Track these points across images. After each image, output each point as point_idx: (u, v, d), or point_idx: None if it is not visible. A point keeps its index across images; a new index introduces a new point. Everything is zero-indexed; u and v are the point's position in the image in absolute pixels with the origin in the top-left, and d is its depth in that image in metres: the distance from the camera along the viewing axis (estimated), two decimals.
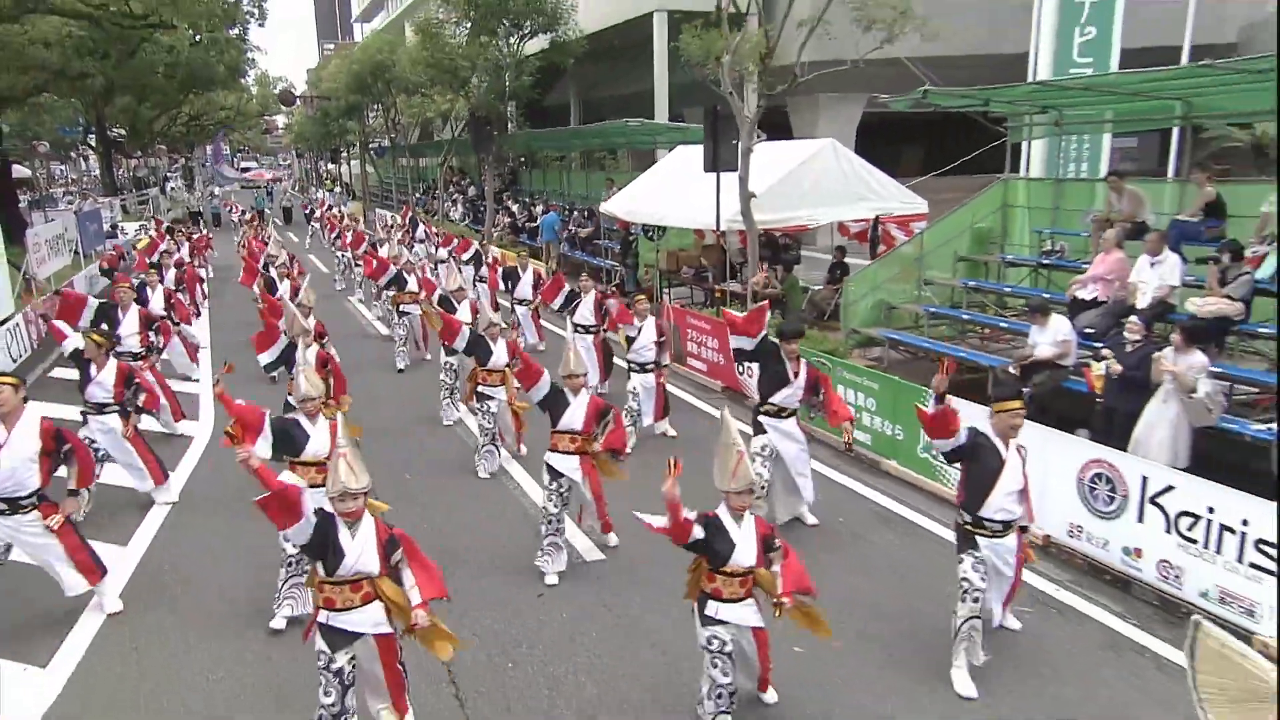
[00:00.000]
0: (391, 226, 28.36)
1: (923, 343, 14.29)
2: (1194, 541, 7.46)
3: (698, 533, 5.27)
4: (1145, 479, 7.87)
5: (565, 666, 6.89)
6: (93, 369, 9.53)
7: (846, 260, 17.84)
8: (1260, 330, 10.64)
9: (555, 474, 8.03)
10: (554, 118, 40.28)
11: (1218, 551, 7.29)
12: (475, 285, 17.99)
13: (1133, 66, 17.77)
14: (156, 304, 15.10)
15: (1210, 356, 10.00)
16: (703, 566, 5.55)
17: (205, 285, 23.95)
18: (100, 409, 9.60)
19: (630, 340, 12.06)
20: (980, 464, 6.30)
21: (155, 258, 21.58)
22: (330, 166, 69.84)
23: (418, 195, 44.98)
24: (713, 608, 5.42)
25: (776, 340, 9.06)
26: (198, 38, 30.76)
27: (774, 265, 19.51)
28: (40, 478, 7.04)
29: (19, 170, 33.00)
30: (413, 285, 16.29)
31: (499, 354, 10.49)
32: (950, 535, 8.21)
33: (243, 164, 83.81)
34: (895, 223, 17.56)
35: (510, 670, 6.89)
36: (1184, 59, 19.80)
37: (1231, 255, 10.96)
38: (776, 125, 28.72)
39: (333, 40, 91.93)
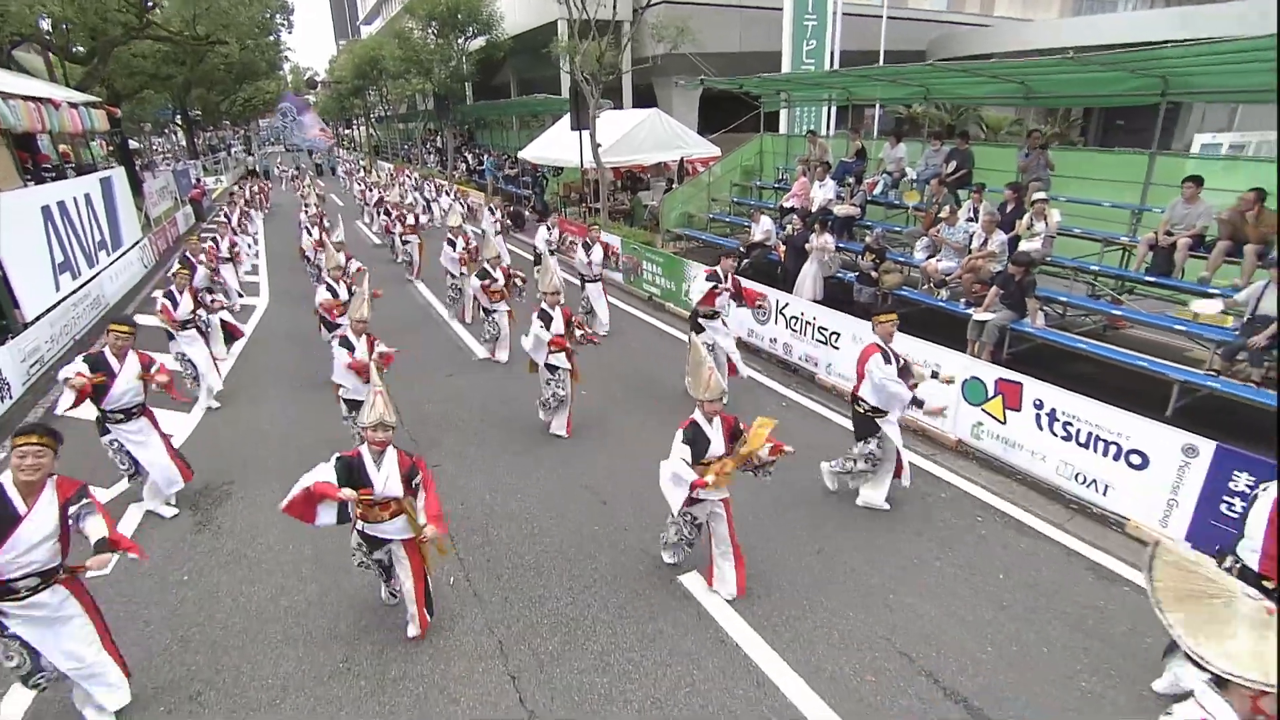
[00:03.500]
0: (393, 175, 27.83)
1: (708, 237, 15.55)
2: (796, 331, 9.45)
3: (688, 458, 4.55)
4: (778, 301, 9.74)
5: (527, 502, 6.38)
6: (114, 364, 5.70)
7: (675, 187, 19.04)
8: (867, 224, 12.41)
9: (554, 369, 7.29)
10: (501, 92, 39.39)
11: (804, 335, 9.31)
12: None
13: (851, 63, 19.14)
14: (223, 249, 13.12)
15: (841, 239, 12.01)
16: None
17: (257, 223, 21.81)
18: (128, 415, 5.87)
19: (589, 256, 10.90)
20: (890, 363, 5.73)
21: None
22: (346, 132, 67.57)
23: (403, 148, 44.53)
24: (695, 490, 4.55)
25: (720, 269, 8.14)
26: (248, 43, 29.89)
27: (629, 191, 20.84)
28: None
29: (132, 144, 32.28)
30: (411, 221, 15.68)
31: (498, 277, 9.62)
32: None
33: (291, 140, 79.62)
34: (697, 162, 18.48)
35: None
36: (881, 60, 21.22)
37: (856, 180, 12.82)
38: (649, 99, 29.34)
39: (345, 37, 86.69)
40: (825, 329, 8.95)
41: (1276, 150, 7.14)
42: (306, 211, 15.92)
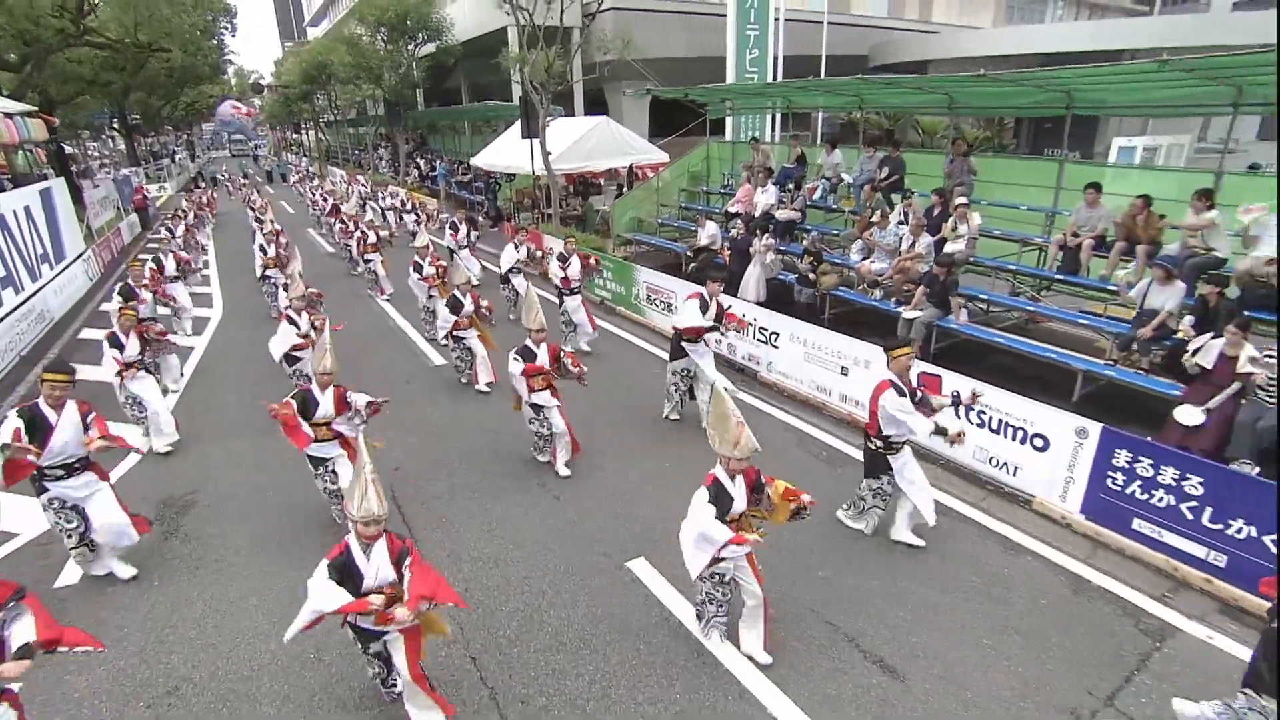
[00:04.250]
0: (348, 182, 26.75)
1: (658, 241, 15.99)
2: (739, 331, 9.95)
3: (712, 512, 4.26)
4: (720, 302, 10.29)
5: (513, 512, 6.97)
6: (51, 416, 5.24)
7: (625, 192, 19.44)
8: (807, 227, 12.99)
9: (538, 407, 6.89)
10: (453, 96, 39.27)
11: (746, 335, 9.79)
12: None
13: (794, 67, 19.78)
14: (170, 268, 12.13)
15: (783, 243, 12.59)
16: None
17: (206, 240, 21.55)
18: (69, 470, 5.37)
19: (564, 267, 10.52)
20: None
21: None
22: (294, 135, 65.88)
23: (355, 153, 43.98)
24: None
25: (705, 292, 7.98)
26: (190, 47, 28.90)
27: (581, 196, 21.18)
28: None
29: (66, 149, 30.70)
30: (373, 239, 14.63)
31: (469, 305, 9.04)
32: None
33: (233, 136, 77.60)
34: (647, 168, 19.01)
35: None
36: (823, 64, 22.02)
37: (796, 186, 13.46)
38: (600, 103, 29.67)
39: (290, 39, 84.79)
40: (766, 329, 9.48)
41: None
42: (261, 229, 15.05)
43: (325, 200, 22.18)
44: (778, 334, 9.27)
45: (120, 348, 7.64)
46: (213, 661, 4.79)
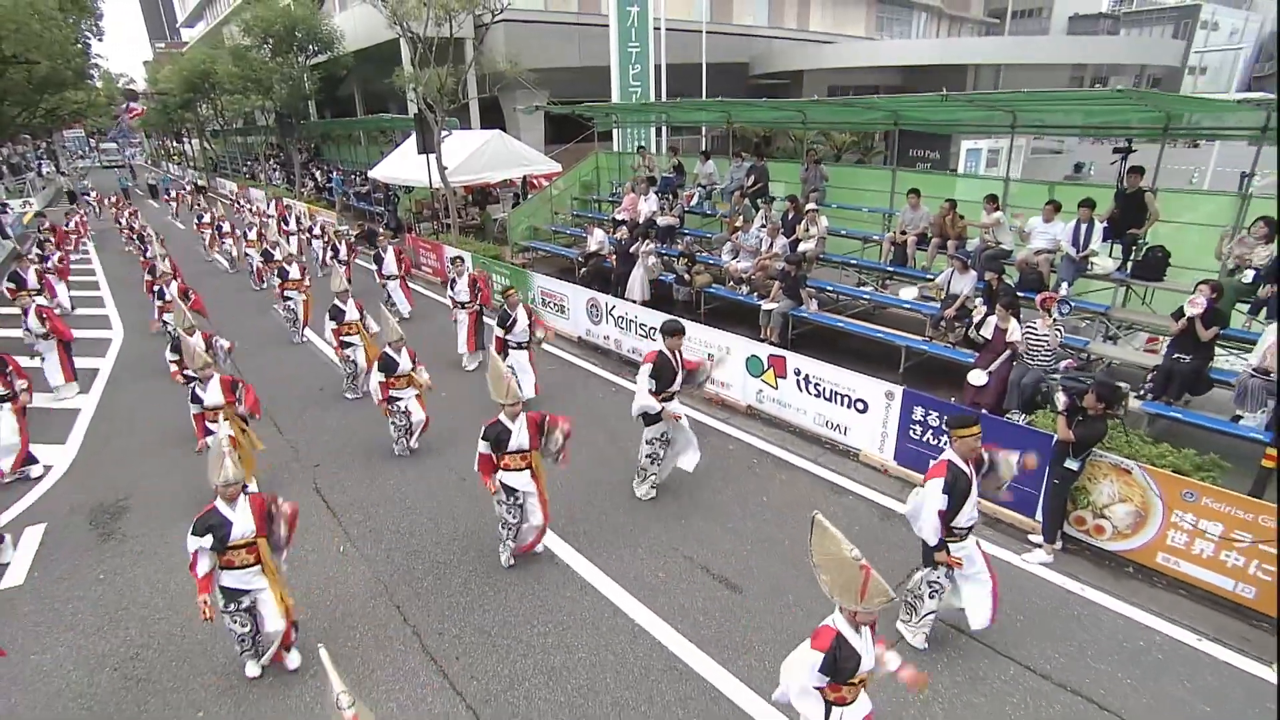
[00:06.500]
0: (261, 213, 24.67)
1: (552, 248, 17.04)
2: (620, 327, 11.26)
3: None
4: (607, 303, 11.48)
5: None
6: None
7: (521, 202, 20.37)
8: (685, 232, 14.47)
9: (510, 490, 5.96)
10: (347, 104, 38.75)
11: (630, 331, 11.16)
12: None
13: (677, 75, 21.22)
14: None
15: (664, 246, 13.95)
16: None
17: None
18: None
19: (507, 325, 9.28)
20: (959, 490, 4.88)
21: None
22: (176, 145, 62.48)
23: (246, 164, 42.66)
24: (836, 714, 3.71)
25: (665, 349, 6.85)
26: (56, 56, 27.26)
27: (479, 205, 21.99)
28: None
29: None
30: (295, 274, 12.79)
31: (404, 363, 7.97)
32: None
33: (102, 145, 72.64)
34: (541, 178, 19.97)
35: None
36: (703, 73, 23.65)
37: (673, 195, 14.89)
38: (496, 111, 30.23)
39: (162, 40, 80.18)
40: (645, 325, 10.79)
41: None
42: (159, 270, 12.90)
43: (221, 232, 19.81)
44: (655, 329, 10.56)
45: None
46: (168, 631, 5.62)
